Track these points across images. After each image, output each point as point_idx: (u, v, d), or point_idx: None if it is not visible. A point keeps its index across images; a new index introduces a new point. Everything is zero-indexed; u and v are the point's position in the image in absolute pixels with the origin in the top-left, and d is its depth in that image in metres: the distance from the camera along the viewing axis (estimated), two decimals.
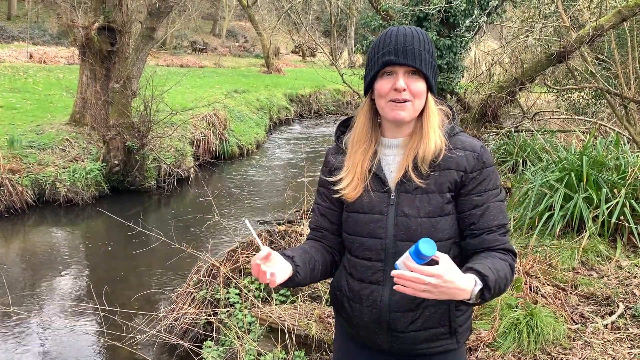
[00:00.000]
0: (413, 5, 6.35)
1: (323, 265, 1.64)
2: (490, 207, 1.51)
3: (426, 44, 1.49)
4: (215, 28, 36.91)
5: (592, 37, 6.77)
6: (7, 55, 18.58)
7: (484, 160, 1.52)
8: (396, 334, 1.55)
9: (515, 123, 8.60)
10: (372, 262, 1.54)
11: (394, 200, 1.52)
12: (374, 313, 1.55)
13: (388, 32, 1.51)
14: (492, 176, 1.53)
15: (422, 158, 1.50)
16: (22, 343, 4.30)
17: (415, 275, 1.27)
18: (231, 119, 11.95)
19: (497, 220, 1.50)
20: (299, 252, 1.59)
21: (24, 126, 8.86)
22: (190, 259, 4.48)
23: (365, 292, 1.56)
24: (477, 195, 1.51)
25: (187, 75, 13.87)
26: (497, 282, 1.38)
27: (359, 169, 1.56)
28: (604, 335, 3.09)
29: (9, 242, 6.48)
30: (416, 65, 1.46)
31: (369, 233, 1.54)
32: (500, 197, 1.55)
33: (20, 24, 25.18)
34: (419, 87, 1.48)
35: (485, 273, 1.36)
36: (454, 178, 1.50)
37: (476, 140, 1.57)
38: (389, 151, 1.58)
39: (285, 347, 3.27)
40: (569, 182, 4.43)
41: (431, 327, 1.54)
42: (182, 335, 3.90)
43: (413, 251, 1.30)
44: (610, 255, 3.96)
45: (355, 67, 28.09)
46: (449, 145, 1.52)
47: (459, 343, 1.59)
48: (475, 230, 1.51)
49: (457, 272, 1.31)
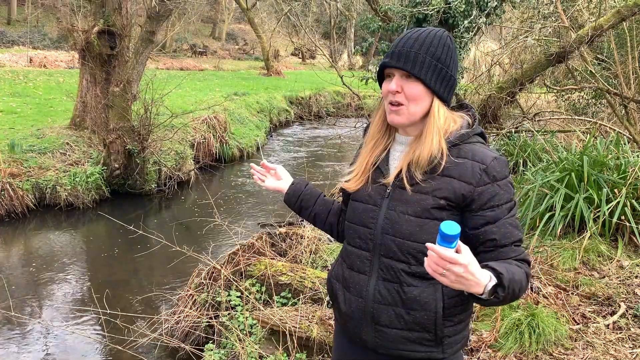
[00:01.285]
0: (412, 7, 6.35)
1: (324, 214, 1.88)
2: (504, 223, 1.47)
3: (433, 47, 1.48)
4: (215, 31, 36.98)
5: (591, 37, 6.77)
6: (7, 59, 18.63)
7: (494, 174, 1.46)
8: (379, 328, 1.55)
9: (515, 124, 8.59)
10: (361, 251, 1.59)
11: (389, 194, 1.55)
12: (360, 302, 1.58)
13: (403, 34, 1.55)
14: (504, 190, 1.47)
15: (415, 162, 1.51)
16: (24, 347, 4.30)
17: (444, 255, 1.21)
18: (231, 121, 11.96)
19: (512, 237, 1.48)
20: (313, 190, 1.91)
21: (24, 130, 8.87)
22: (191, 261, 4.47)
23: (354, 280, 1.61)
24: (490, 210, 1.46)
25: (187, 78, 13.87)
26: (511, 282, 1.35)
27: (363, 164, 1.63)
28: (606, 335, 3.09)
29: (10, 247, 6.48)
30: (408, 69, 1.46)
31: (362, 222, 1.59)
32: (514, 211, 1.50)
33: (20, 29, 25.24)
34: (413, 91, 1.48)
35: (501, 271, 1.34)
36: (454, 188, 1.46)
37: (492, 152, 1.51)
38: (399, 147, 1.62)
39: (286, 349, 3.26)
40: (570, 182, 4.43)
41: (414, 329, 1.52)
42: (183, 338, 3.89)
43: (438, 237, 1.25)
44: (612, 255, 3.96)
45: (355, 69, 28.12)
46: (450, 154, 1.49)
47: (445, 353, 1.55)
48: (490, 247, 1.48)
49: (477, 265, 1.29)
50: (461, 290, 1.31)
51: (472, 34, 6.61)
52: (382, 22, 7.11)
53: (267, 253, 4.38)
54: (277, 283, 3.88)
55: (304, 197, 1.90)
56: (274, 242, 4.69)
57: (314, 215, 1.89)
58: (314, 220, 1.91)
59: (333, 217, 1.88)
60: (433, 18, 6.27)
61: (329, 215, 1.88)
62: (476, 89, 9.72)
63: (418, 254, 1.49)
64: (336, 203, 1.91)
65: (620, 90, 7.05)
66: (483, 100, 8.47)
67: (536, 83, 9.22)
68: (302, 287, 3.81)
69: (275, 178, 1.96)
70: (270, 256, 4.34)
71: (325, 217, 1.88)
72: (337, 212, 1.88)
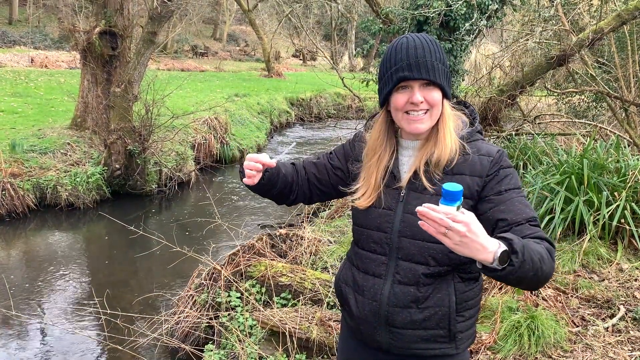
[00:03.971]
0: (413, 9, 6.36)
1: (288, 177, 1.73)
2: (514, 200, 1.46)
3: (437, 52, 1.52)
4: (216, 32, 37.02)
5: (592, 41, 6.78)
6: (8, 59, 18.65)
7: (501, 163, 1.52)
8: (394, 330, 1.56)
9: (515, 126, 8.60)
10: (376, 255, 1.59)
11: (403, 198, 1.56)
12: (374, 306, 1.58)
13: (398, 44, 1.53)
14: (511, 176, 1.52)
15: (435, 162, 1.53)
16: (24, 347, 4.31)
17: (440, 216, 1.21)
18: (232, 122, 11.98)
19: (524, 214, 1.44)
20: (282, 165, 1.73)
21: (25, 130, 8.89)
22: (192, 262, 4.48)
23: (367, 284, 1.60)
24: (497, 194, 1.48)
25: (188, 79, 13.89)
26: (526, 249, 1.27)
27: (373, 181, 1.61)
28: (605, 338, 3.09)
29: (10, 246, 6.49)
30: (430, 78, 1.49)
31: (377, 226, 1.58)
32: (523, 194, 1.51)
33: (22, 29, 25.27)
34: (435, 97, 1.51)
35: (511, 237, 1.27)
36: (467, 183, 1.50)
37: (494, 146, 1.57)
38: (406, 152, 1.63)
39: (286, 350, 3.27)
40: (570, 185, 4.43)
41: (430, 328, 1.55)
42: (183, 338, 3.90)
43: (442, 198, 1.25)
44: (611, 258, 3.96)
45: (356, 70, 28.13)
46: (464, 151, 1.54)
47: (459, 349, 1.59)
48: (503, 226, 1.44)
49: (482, 229, 1.24)
50: (471, 258, 1.26)
51: (472, 36, 6.62)
52: (383, 24, 7.13)
53: (268, 254, 4.39)
54: (277, 284, 3.88)
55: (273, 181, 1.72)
56: (274, 243, 4.70)
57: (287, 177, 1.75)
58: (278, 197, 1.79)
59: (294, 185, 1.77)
60: (434, 21, 6.28)
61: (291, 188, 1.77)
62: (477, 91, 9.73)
63: (438, 254, 1.51)
64: (295, 166, 1.80)
65: (620, 93, 7.05)
66: (484, 102, 8.47)
67: (537, 86, 9.23)
68: (302, 288, 3.81)
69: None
70: (270, 257, 4.35)
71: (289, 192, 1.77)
72: (297, 178, 1.77)
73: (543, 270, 1.31)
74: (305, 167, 1.80)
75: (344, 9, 29.31)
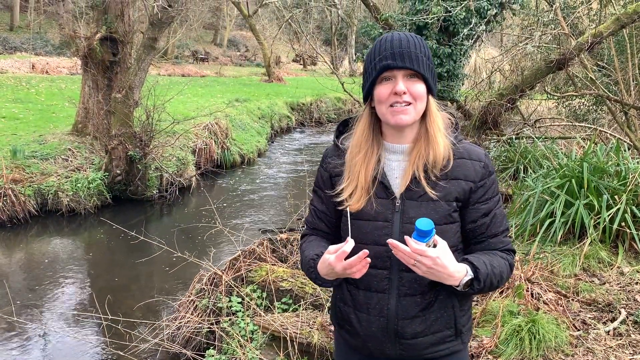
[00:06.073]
0: (412, 15, 6.40)
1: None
2: (496, 214, 1.56)
3: (422, 47, 1.50)
4: (217, 38, 37.13)
5: (591, 44, 6.80)
6: (9, 65, 18.70)
7: (490, 169, 1.56)
8: (404, 342, 1.54)
9: (515, 130, 8.62)
10: (377, 270, 1.52)
11: (399, 208, 1.50)
12: (381, 322, 1.54)
13: (383, 38, 1.51)
14: (494, 183, 1.58)
15: (432, 163, 1.50)
16: (25, 352, 4.30)
17: (408, 250, 1.35)
18: (233, 127, 12.00)
19: (502, 227, 1.57)
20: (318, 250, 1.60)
21: (26, 136, 8.91)
22: (193, 267, 4.49)
23: (372, 302, 1.54)
24: (484, 203, 1.54)
25: (188, 84, 13.93)
26: (488, 276, 1.46)
27: (362, 179, 1.53)
28: (606, 341, 3.09)
29: (11, 252, 6.49)
30: (414, 67, 1.46)
31: (374, 240, 1.51)
32: (501, 201, 1.60)
33: (23, 35, 25.36)
34: (419, 90, 1.48)
35: (478, 266, 1.44)
36: (462, 188, 1.51)
37: (478, 147, 1.60)
38: (394, 157, 1.56)
39: (287, 355, 3.27)
40: (570, 188, 4.44)
41: (437, 331, 1.55)
42: (184, 343, 3.90)
43: (414, 232, 1.38)
44: (612, 262, 3.96)
45: (356, 75, 28.15)
46: (455, 153, 1.53)
47: (464, 343, 1.62)
48: (482, 237, 1.56)
49: (452, 260, 1.38)
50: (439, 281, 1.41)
51: (472, 41, 6.65)
52: (382, 29, 7.15)
53: (268, 259, 4.39)
54: (278, 289, 3.88)
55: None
56: (275, 248, 4.70)
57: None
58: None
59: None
60: (433, 26, 6.31)
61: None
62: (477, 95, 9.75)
63: None
64: (315, 237, 1.72)
65: (620, 96, 7.07)
66: (484, 106, 8.50)
67: (537, 90, 9.25)
68: (303, 293, 3.81)
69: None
70: (271, 262, 4.35)
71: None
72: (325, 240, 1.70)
73: (497, 287, 1.53)
74: (327, 226, 1.69)
75: (344, 14, 29.40)
